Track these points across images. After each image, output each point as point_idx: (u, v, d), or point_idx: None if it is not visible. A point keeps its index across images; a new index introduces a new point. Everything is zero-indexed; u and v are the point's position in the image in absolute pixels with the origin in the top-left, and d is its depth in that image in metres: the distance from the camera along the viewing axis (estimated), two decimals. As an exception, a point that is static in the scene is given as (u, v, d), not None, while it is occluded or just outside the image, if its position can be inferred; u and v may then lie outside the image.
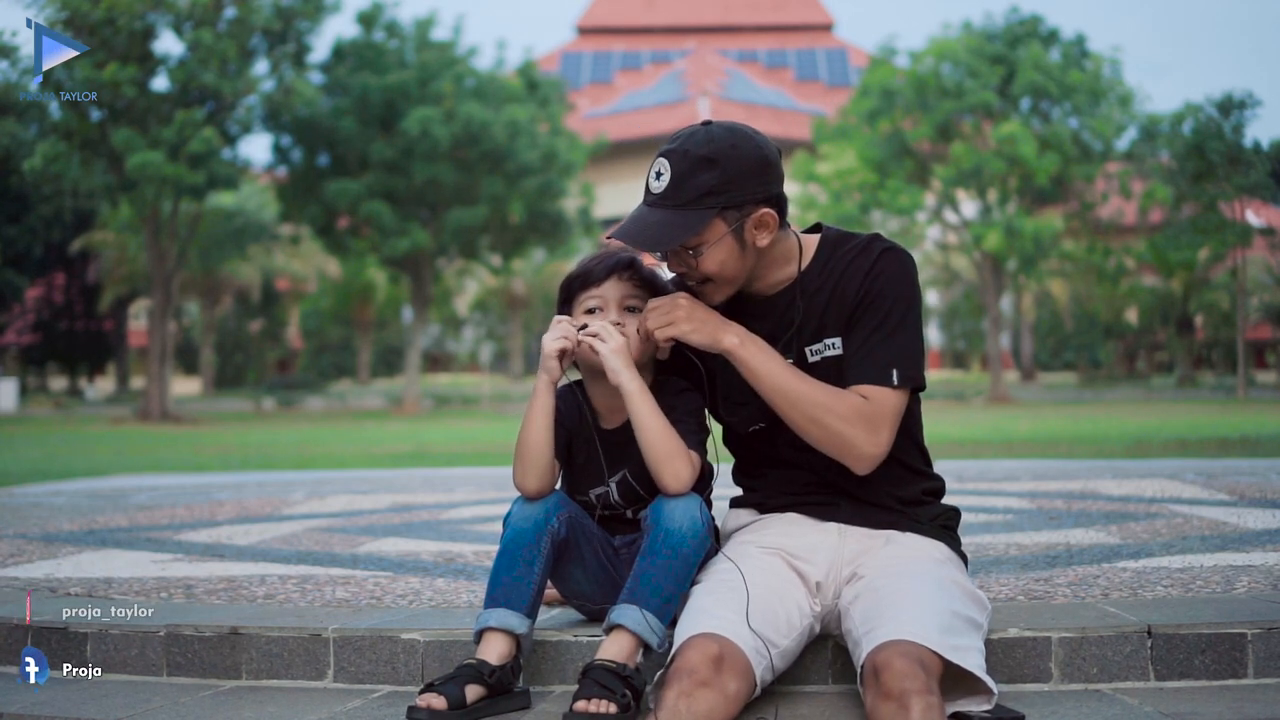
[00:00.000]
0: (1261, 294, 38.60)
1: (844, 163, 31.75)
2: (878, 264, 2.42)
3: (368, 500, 6.17)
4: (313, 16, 25.83)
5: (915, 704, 2.01)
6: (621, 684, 2.26)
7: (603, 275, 2.54)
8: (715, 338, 2.40)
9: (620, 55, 64.02)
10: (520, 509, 2.48)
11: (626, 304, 2.53)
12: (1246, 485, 5.75)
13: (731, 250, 2.40)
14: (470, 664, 2.36)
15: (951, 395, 32.41)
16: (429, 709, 2.29)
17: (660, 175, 2.37)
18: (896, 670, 2.06)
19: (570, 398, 2.61)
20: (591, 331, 2.43)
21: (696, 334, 2.40)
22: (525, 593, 2.42)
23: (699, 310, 2.41)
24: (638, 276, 2.55)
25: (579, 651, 2.55)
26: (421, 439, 16.37)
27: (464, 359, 52.30)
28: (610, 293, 2.53)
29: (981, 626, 2.34)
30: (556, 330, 2.45)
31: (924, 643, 2.12)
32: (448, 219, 29.03)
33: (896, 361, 2.37)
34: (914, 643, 2.11)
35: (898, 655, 2.09)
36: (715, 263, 2.39)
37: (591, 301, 2.54)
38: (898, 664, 2.07)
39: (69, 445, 16.04)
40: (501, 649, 2.39)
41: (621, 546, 2.56)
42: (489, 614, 2.42)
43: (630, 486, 2.56)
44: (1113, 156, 31.65)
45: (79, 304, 40.92)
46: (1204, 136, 29.51)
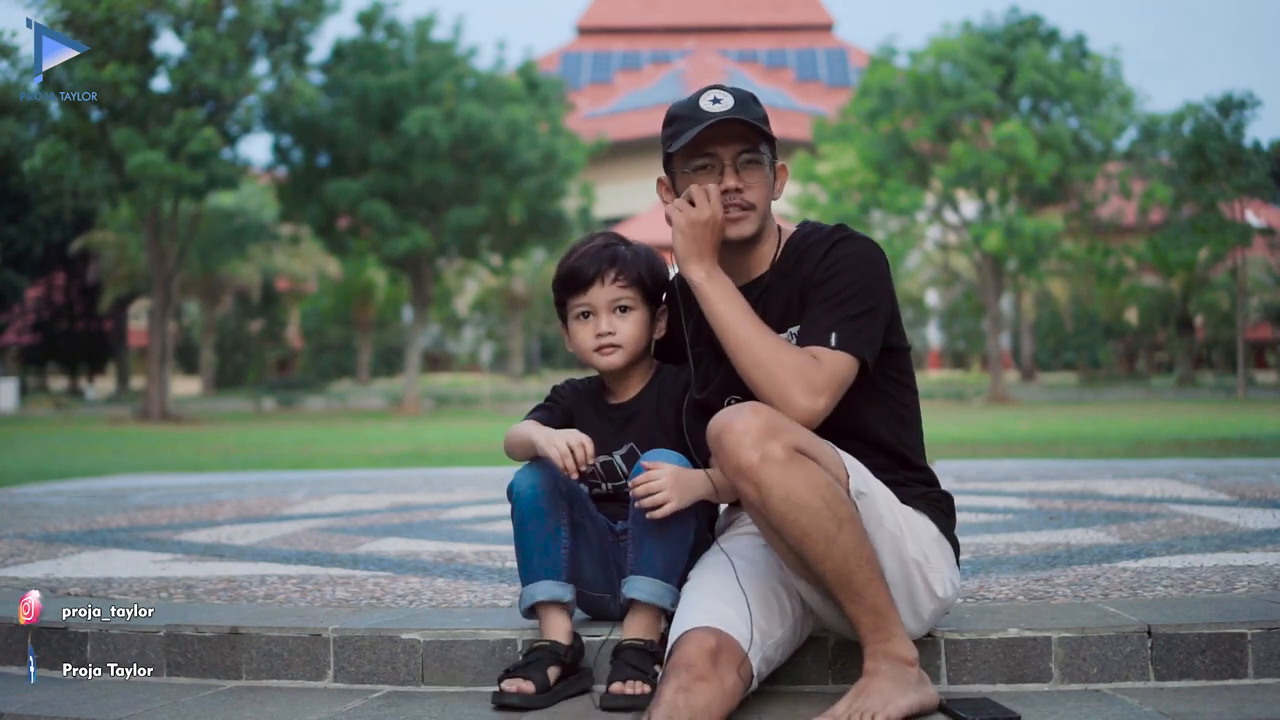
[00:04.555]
0: (1261, 294, 38.59)
1: (844, 163, 31.73)
2: (835, 249, 2.46)
3: (368, 500, 6.17)
4: (313, 16, 25.81)
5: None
6: (650, 661, 2.37)
7: (590, 279, 2.58)
8: (687, 261, 2.42)
9: (620, 55, 63.99)
10: (525, 476, 2.53)
11: (616, 306, 2.58)
12: (1246, 485, 5.75)
13: (767, 185, 2.50)
14: (545, 645, 2.44)
15: (951, 395, 32.40)
16: (520, 693, 2.36)
17: (718, 101, 2.44)
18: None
19: (580, 384, 2.72)
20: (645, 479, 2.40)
21: (682, 242, 2.42)
22: (559, 559, 2.49)
23: (699, 231, 2.40)
24: (624, 275, 2.59)
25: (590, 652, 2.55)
26: (421, 439, 16.37)
27: (464, 359, 52.27)
28: (598, 298, 2.58)
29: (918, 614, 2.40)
30: (568, 442, 2.43)
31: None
32: (448, 219, 29.02)
33: (837, 327, 2.37)
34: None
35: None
36: (761, 192, 2.48)
37: (581, 308, 2.60)
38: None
39: (69, 445, 16.04)
40: (565, 624, 2.48)
41: (622, 532, 2.57)
42: (534, 588, 2.48)
43: (636, 458, 2.54)
44: (1113, 156, 31.62)
45: (79, 304, 40.91)
46: (1204, 136, 29.47)
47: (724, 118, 2.41)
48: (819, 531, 2.18)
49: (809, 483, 2.18)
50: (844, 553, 2.19)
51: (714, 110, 2.42)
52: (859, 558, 2.21)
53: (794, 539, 2.19)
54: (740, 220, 2.45)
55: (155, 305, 26.64)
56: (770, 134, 2.48)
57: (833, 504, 2.19)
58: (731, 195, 2.44)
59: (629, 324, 2.59)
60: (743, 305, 2.39)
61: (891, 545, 2.33)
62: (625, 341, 2.58)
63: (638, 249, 2.64)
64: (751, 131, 2.44)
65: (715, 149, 2.45)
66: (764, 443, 2.17)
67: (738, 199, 2.44)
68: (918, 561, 2.37)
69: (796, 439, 2.22)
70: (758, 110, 2.47)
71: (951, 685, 2.49)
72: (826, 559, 2.19)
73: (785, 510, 2.17)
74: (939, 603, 2.42)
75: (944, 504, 2.51)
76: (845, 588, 2.21)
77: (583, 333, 2.61)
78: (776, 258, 2.53)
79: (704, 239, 2.40)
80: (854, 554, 2.20)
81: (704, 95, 2.45)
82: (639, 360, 2.64)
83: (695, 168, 2.47)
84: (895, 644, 2.24)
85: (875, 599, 2.23)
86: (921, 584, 2.38)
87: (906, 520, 2.38)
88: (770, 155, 2.49)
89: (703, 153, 2.45)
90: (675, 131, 2.47)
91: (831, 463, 2.27)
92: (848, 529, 2.20)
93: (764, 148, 2.47)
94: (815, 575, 2.24)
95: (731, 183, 2.44)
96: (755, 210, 2.46)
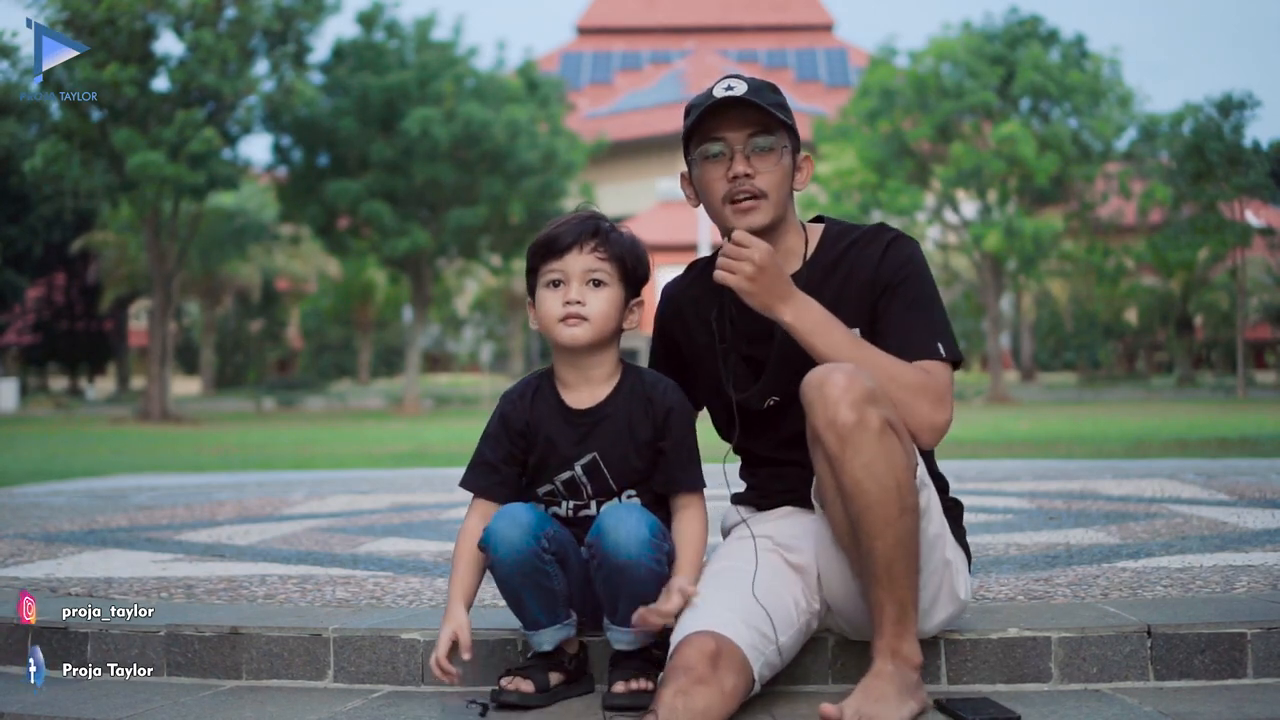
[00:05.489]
0: (1261, 294, 38.60)
1: (844, 163, 31.75)
2: (892, 250, 2.42)
3: (368, 500, 6.17)
4: (313, 17, 25.82)
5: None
6: (652, 664, 2.37)
7: (567, 245, 2.41)
8: (772, 308, 2.31)
9: (620, 55, 64.00)
10: (500, 538, 2.35)
11: (590, 278, 2.41)
12: (1246, 485, 5.75)
13: (786, 174, 2.42)
14: (548, 651, 2.43)
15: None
16: (518, 691, 2.37)
17: (732, 88, 2.38)
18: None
19: (527, 386, 2.52)
20: None
21: (754, 296, 2.30)
22: (559, 601, 2.43)
23: (762, 277, 2.29)
24: (604, 247, 2.42)
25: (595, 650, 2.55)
26: (421, 439, 16.37)
27: (464, 359, 52.28)
28: (573, 265, 2.40)
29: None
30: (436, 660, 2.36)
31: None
32: (448, 219, 29.03)
33: (939, 336, 2.37)
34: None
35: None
36: (774, 179, 2.39)
37: (553, 274, 2.42)
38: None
39: (69, 445, 16.04)
40: (573, 641, 2.49)
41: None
42: (542, 638, 2.43)
43: (599, 471, 2.45)
44: (1112, 156, 31.65)
45: (79, 304, 40.94)
46: (1204, 137, 29.50)
47: (731, 98, 2.36)
48: (883, 509, 2.18)
49: (890, 460, 2.18)
50: (898, 538, 2.20)
51: (726, 96, 2.38)
52: (908, 549, 2.21)
53: (858, 508, 2.19)
54: (750, 210, 2.37)
55: (155, 305, 26.65)
56: (789, 122, 2.41)
57: (904, 487, 2.19)
58: (741, 181, 2.36)
59: (600, 299, 2.40)
60: (841, 330, 2.32)
61: (936, 543, 2.34)
62: (594, 316, 2.40)
63: (624, 232, 2.49)
64: (764, 116, 2.38)
65: (725, 133, 2.38)
66: (864, 406, 2.16)
67: (747, 185, 2.36)
68: (949, 561, 2.38)
69: (890, 414, 2.21)
70: (774, 97, 2.40)
71: (951, 685, 2.49)
72: (880, 538, 2.19)
73: (862, 478, 2.17)
74: (958, 604, 2.43)
75: (957, 511, 2.53)
76: (886, 572, 2.21)
77: (550, 300, 2.41)
78: (809, 254, 2.47)
79: (773, 279, 2.29)
80: (906, 543, 2.21)
81: (720, 83, 2.41)
82: (605, 346, 2.45)
83: (707, 155, 2.40)
84: (907, 643, 2.24)
85: (906, 593, 2.23)
86: (948, 586, 2.39)
87: (944, 521, 2.40)
88: (791, 144, 2.42)
89: (712, 137, 2.39)
90: (689, 120, 2.43)
91: (910, 448, 2.26)
92: (908, 517, 2.21)
93: (780, 134, 2.40)
94: (861, 550, 2.23)
95: (741, 168, 2.36)
96: (767, 199, 2.38)
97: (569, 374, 2.48)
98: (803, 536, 2.45)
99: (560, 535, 2.41)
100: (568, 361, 2.48)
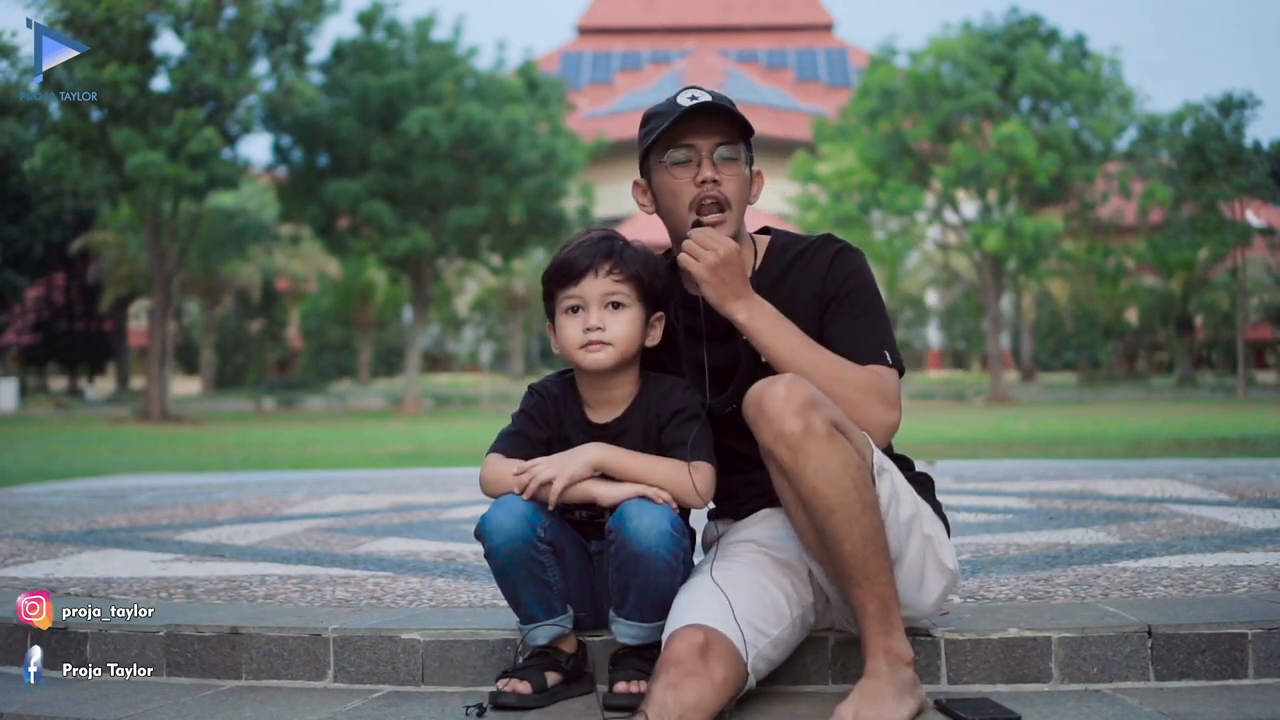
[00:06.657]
0: (1261, 294, 38.60)
1: (844, 163, 31.73)
2: (838, 261, 2.47)
3: (368, 500, 6.17)
4: (313, 16, 25.80)
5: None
6: (652, 667, 2.33)
7: (582, 270, 2.43)
8: (725, 303, 2.37)
9: (620, 55, 63.98)
10: (495, 523, 2.36)
11: (609, 301, 2.43)
12: (1246, 485, 5.75)
13: (745, 185, 2.47)
14: (547, 652, 2.44)
15: (951, 395, 32.41)
16: (515, 693, 2.37)
17: (695, 98, 2.41)
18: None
19: (557, 389, 2.55)
20: None
21: (711, 288, 2.36)
22: (551, 594, 2.42)
23: (723, 271, 2.35)
24: (620, 269, 2.44)
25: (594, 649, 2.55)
26: (421, 439, 16.37)
27: (464, 359, 52.26)
28: (590, 291, 2.43)
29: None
30: (552, 469, 2.36)
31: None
32: (448, 219, 29.02)
33: (885, 345, 2.43)
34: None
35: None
36: (736, 188, 2.44)
37: (571, 300, 2.45)
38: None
39: (69, 445, 16.03)
40: (570, 640, 2.48)
41: (596, 553, 2.52)
42: (537, 633, 2.44)
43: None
44: (1113, 156, 31.63)
45: (79, 304, 40.91)
46: (1204, 136, 29.48)
47: (704, 104, 2.40)
48: (845, 510, 2.20)
49: (843, 461, 2.20)
50: (864, 535, 2.21)
51: (696, 104, 2.41)
52: (876, 544, 2.23)
53: (820, 514, 2.21)
54: (717, 225, 2.42)
55: (155, 305, 26.63)
56: (749, 133, 2.46)
57: (861, 486, 2.22)
58: (709, 186, 2.41)
59: (621, 322, 2.42)
60: (795, 333, 2.37)
61: (912, 521, 2.35)
62: (615, 340, 2.42)
63: (638, 247, 2.51)
64: (730, 126, 2.43)
65: (693, 140, 2.42)
66: (807, 413, 2.18)
67: (714, 190, 2.40)
68: (929, 536, 2.40)
69: (835, 415, 2.24)
70: (737, 112, 2.46)
71: (951, 685, 2.49)
72: (847, 539, 2.21)
73: (818, 484, 2.19)
74: (949, 575, 2.43)
75: (928, 483, 2.55)
76: (860, 571, 2.22)
77: (570, 327, 2.44)
78: (757, 265, 2.53)
79: (732, 276, 2.35)
80: (873, 539, 2.22)
81: (682, 93, 2.44)
82: (627, 366, 2.48)
83: (673, 161, 2.43)
84: (895, 640, 2.25)
85: (884, 589, 2.24)
86: (934, 559, 2.40)
87: (915, 498, 2.41)
88: (748, 155, 2.47)
89: (680, 143, 2.42)
90: (653, 128, 2.44)
91: (859, 443, 2.28)
92: (870, 514, 2.23)
93: (740, 146, 2.45)
94: (831, 555, 2.25)
95: (709, 173, 2.41)
96: (731, 211, 2.43)
97: (591, 395, 2.52)
98: (785, 536, 2.45)
99: (556, 528, 2.42)
100: (590, 383, 2.51)
